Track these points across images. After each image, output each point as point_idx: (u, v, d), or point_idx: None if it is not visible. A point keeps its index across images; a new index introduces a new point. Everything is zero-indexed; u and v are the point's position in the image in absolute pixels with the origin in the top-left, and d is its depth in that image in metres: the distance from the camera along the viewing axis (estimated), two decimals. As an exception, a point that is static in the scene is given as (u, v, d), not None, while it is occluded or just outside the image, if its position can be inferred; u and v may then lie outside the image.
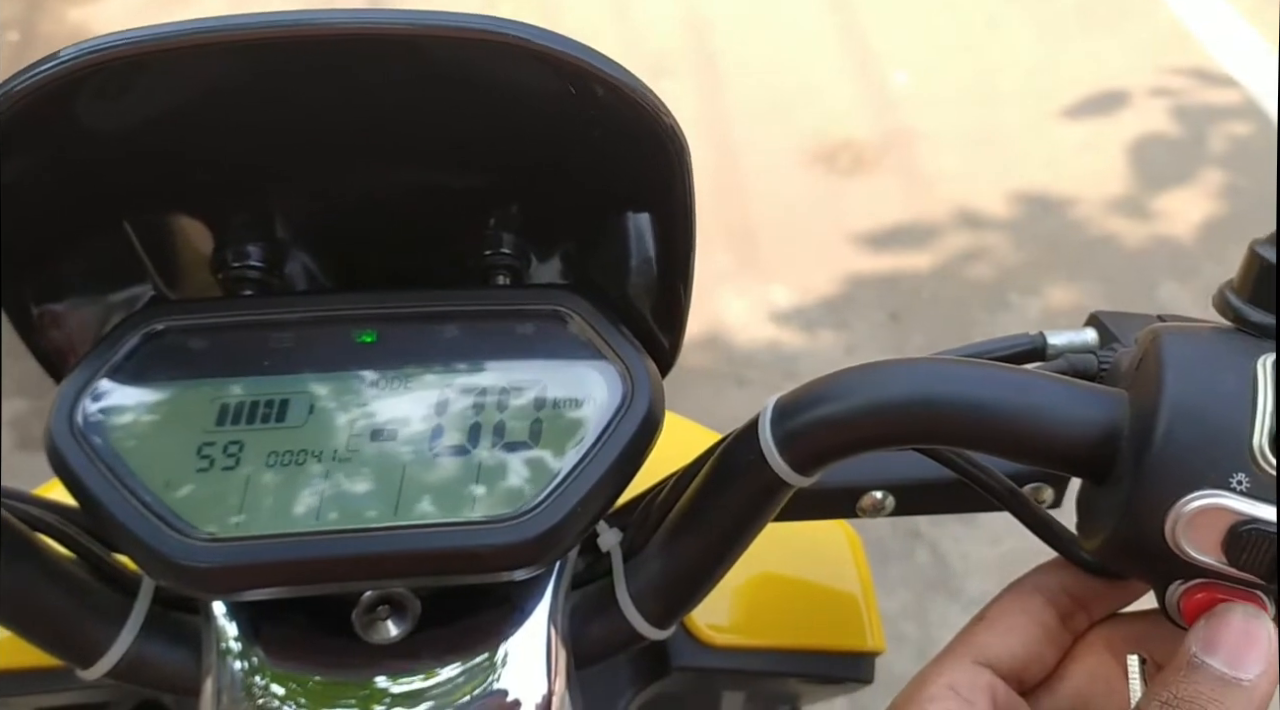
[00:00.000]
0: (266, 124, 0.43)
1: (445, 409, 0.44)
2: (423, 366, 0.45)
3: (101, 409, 0.43)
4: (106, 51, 0.37)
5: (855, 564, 0.60)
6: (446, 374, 0.45)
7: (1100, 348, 0.46)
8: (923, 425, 0.38)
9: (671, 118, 0.40)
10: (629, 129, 0.41)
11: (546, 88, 0.40)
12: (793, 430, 0.40)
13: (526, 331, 0.46)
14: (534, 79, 0.40)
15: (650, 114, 0.39)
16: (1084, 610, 0.41)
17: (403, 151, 0.45)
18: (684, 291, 0.46)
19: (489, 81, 0.41)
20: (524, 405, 0.44)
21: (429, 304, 0.46)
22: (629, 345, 0.45)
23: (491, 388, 0.44)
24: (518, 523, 0.41)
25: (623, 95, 0.39)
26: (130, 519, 0.40)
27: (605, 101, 0.40)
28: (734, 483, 0.42)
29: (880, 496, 0.48)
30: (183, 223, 0.47)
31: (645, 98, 0.39)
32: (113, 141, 0.42)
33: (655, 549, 0.46)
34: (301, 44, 0.37)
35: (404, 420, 0.43)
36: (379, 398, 0.44)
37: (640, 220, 0.46)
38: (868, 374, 0.39)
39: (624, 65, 0.39)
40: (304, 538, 0.40)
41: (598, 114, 0.41)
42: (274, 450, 0.42)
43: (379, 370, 0.45)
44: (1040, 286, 2.22)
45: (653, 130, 0.40)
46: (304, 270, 0.49)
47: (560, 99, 0.40)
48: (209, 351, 0.45)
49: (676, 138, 0.40)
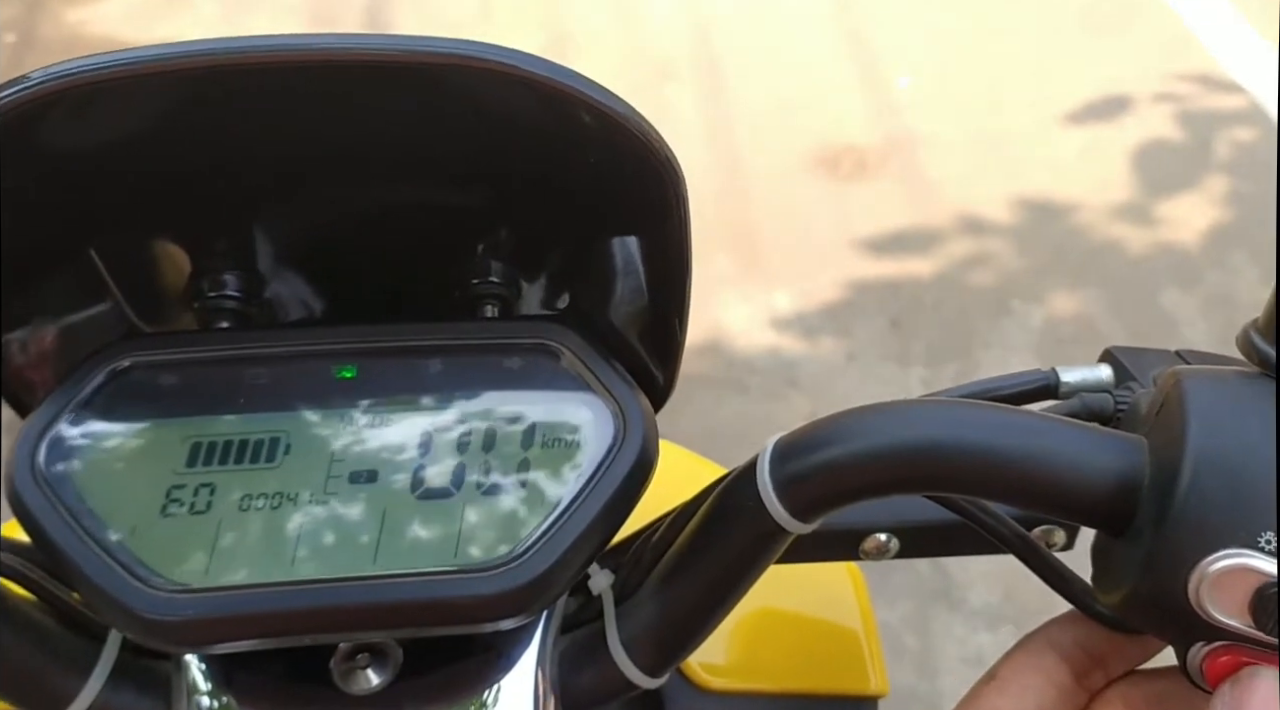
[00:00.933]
0: (242, 149, 0.41)
1: (428, 448, 0.42)
2: (405, 403, 0.43)
3: (65, 450, 0.41)
4: (75, 76, 0.35)
5: (857, 602, 0.58)
6: (430, 411, 0.43)
7: (1116, 386, 0.44)
8: (930, 472, 0.35)
9: (666, 148, 0.38)
10: (622, 157, 0.39)
11: (535, 114, 0.38)
12: (793, 475, 0.37)
13: (514, 366, 0.44)
14: (522, 105, 0.38)
15: (644, 145, 0.37)
16: (1100, 668, 0.39)
17: (386, 176, 0.43)
18: (679, 324, 0.44)
19: (476, 107, 0.39)
20: (510, 443, 0.42)
21: (412, 338, 0.44)
22: (621, 381, 0.43)
23: (476, 425, 0.42)
24: (504, 571, 0.39)
25: (614, 124, 0.37)
26: (93, 568, 0.38)
27: (596, 129, 0.38)
28: (731, 528, 0.40)
29: (884, 539, 0.46)
30: (155, 251, 0.45)
31: (638, 127, 0.37)
32: (82, 166, 0.40)
33: (649, 593, 0.44)
34: (279, 70, 0.35)
35: (385, 460, 0.41)
36: (359, 437, 0.42)
37: (634, 249, 0.44)
38: (872, 416, 0.37)
39: (614, 92, 0.37)
40: (278, 588, 0.38)
41: (589, 142, 0.39)
42: (248, 493, 0.40)
43: (359, 407, 0.42)
44: (1043, 293, 2.20)
45: (647, 160, 0.38)
46: (284, 299, 0.47)
47: (549, 125, 0.38)
48: (180, 388, 0.43)
49: (671, 168, 0.38)
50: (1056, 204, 2.40)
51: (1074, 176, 2.47)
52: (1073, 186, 2.44)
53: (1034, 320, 2.14)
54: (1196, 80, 2.76)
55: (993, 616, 1.69)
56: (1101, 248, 2.30)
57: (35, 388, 0.45)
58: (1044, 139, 2.58)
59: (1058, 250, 2.29)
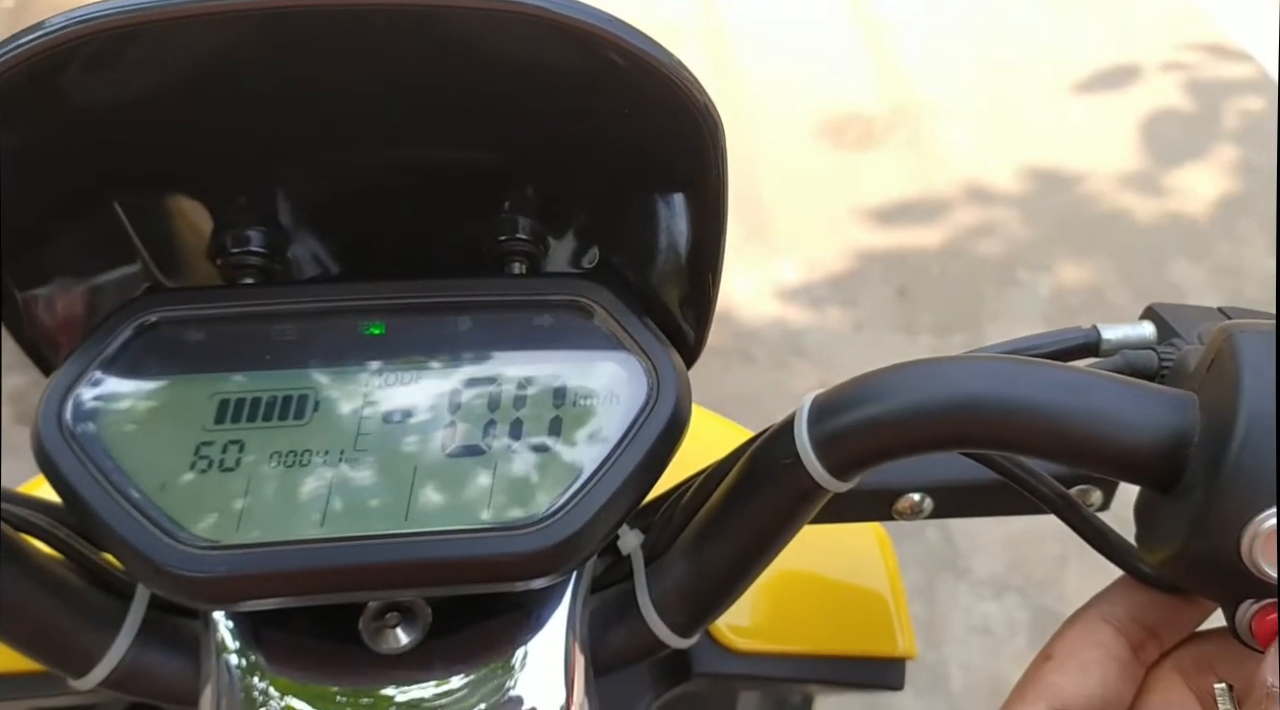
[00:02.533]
0: (267, 99, 0.40)
1: (458, 406, 0.41)
2: (434, 360, 0.42)
3: (92, 406, 0.40)
4: (95, 22, 0.34)
5: (885, 564, 0.57)
6: (459, 368, 0.42)
7: (1159, 343, 0.43)
8: (974, 429, 0.35)
9: (705, 94, 0.37)
10: (658, 105, 0.38)
11: (568, 60, 0.37)
12: (832, 432, 0.37)
13: (545, 323, 0.43)
14: (553, 51, 0.37)
15: (682, 91, 0.37)
16: (1155, 639, 0.38)
17: (412, 127, 0.42)
18: (713, 281, 0.43)
19: (505, 54, 0.38)
20: (542, 401, 0.41)
21: (440, 294, 0.43)
22: (654, 339, 0.42)
23: (507, 383, 0.42)
24: (536, 530, 0.38)
25: (651, 70, 0.36)
26: (123, 524, 0.37)
27: (631, 76, 0.37)
28: (766, 486, 0.39)
29: (918, 498, 0.45)
30: (179, 205, 0.44)
31: (675, 73, 0.36)
32: (103, 117, 0.39)
33: (680, 554, 0.43)
34: (305, 15, 0.34)
35: (414, 418, 0.41)
36: (388, 393, 0.41)
37: (669, 203, 0.43)
38: (914, 372, 0.36)
39: (651, 36, 0.36)
40: (308, 545, 0.38)
41: (624, 89, 0.38)
42: (276, 450, 0.40)
43: (387, 364, 0.42)
44: (1050, 263, 2.19)
45: (685, 107, 0.37)
46: (308, 257, 0.47)
47: (583, 72, 0.37)
48: (207, 344, 0.42)
49: (710, 116, 0.38)
50: (1064, 173, 2.38)
51: (1082, 145, 2.45)
52: (1081, 155, 2.42)
53: (1042, 290, 2.13)
54: (1206, 49, 2.74)
55: (998, 586, 1.69)
56: (1110, 217, 2.29)
57: (60, 347, 0.44)
58: (1052, 107, 2.56)
59: (1065, 219, 2.28)
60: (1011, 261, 2.19)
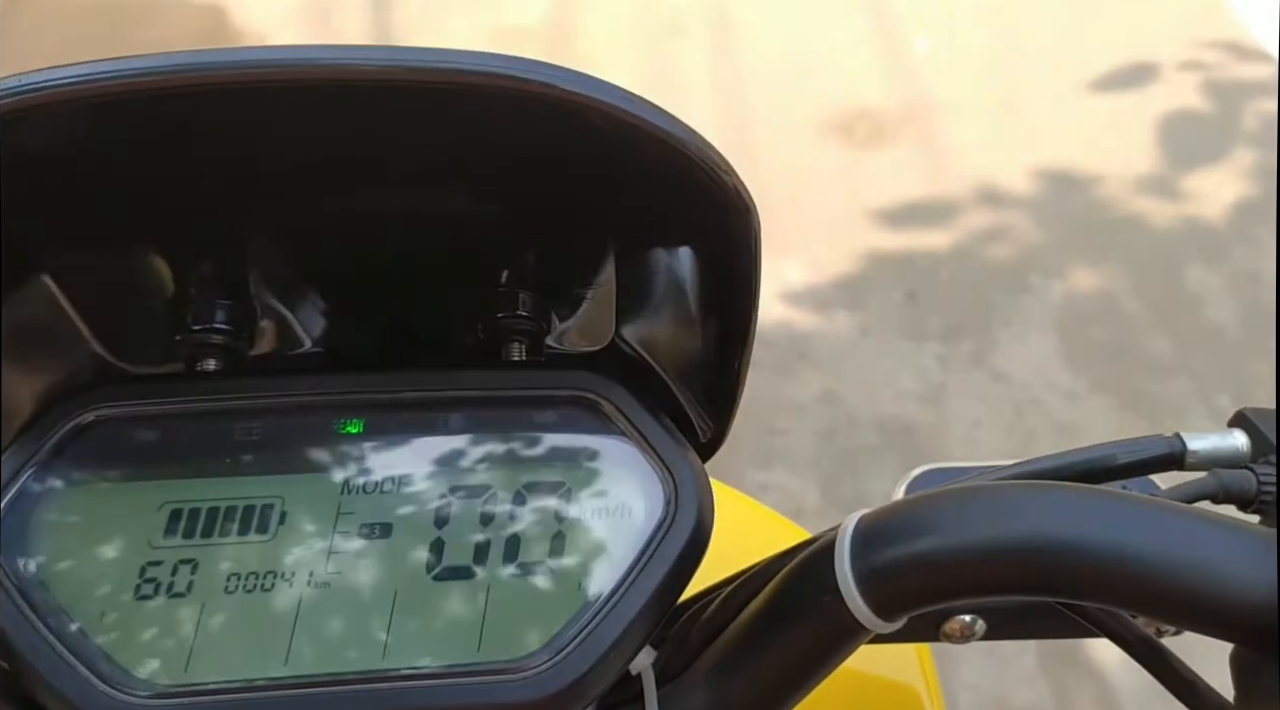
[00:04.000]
0: (230, 161, 0.34)
1: (445, 520, 0.36)
2: (419, 465, 0.37)
3: (19, 518, 0.35)
4: (27, 96, 0.28)
5: (925, 684, 0.52)
6: (448, 475, 0.37)
7: (1253, 459, 0.38)
8: (1052, 576, 0.29)
9: (734, 175, 0.32)
10: (681, 184, 0.32)
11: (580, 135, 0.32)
12: (880, 566, 0.32)
13: (547, 421, 0.38)
14: (562, 128, 0.32)
15: (708, 174, 0.31)
16: None
17: (398, 193, 0.37)
18: (740, 370, 0.38)
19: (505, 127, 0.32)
20: (542, 515, 0.36)
21: (427, 387, 0.38)
22: (671, 441, 0.37)
23: (503, 493, 0.36)
24: (535, 674, 0.33)
25: (673, 151, 0.30)
26: (47, 665, 0.32)
27: (649, 154, 0.31)
28: (801, 620, 0.34)
29: (969, 621, 0.40)
30: (127, 276, 0.39)
31: (701, 154, 0.31)
32: (29, 175, 0.33)
33: (698, 679, 0.38)
34: (277, 88, 0.29)
35: (395, 534, 0.35)
36: (365, 505, 0.36)
37: (693, 283, 0.38)
38: (980, 501, 0.31)
39: (676, 116, 0.30)
40: (269, 692, 0.32)
41: (642, 167, 0.32)
42: (235, 571, 0.35)
43: (366, 470, 0.36)
44: (1063, 268, 2.13)
45: (711, 189, 0.32)
46: (278, 333, 0.41)
47: (597, 148, 0.32)
48: (158, 445, 0.36)
49: (740, 200, 0.32)
50: (1079, 175, 2.32)
51: (1097, 146, 2.39)
52: (1096, 157, 2.36)
53: (1054, 296, 2.08)
54: (1225, 48, 2.67)
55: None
56: (1125, 221, 2.23)
57: None
58: (1067, 107, 2.50)
59: (1079, 223, 2.22)
60: (1023, 266, 2.14)
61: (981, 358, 1.98)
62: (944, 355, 1.98)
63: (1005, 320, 2.04)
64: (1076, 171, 2.33)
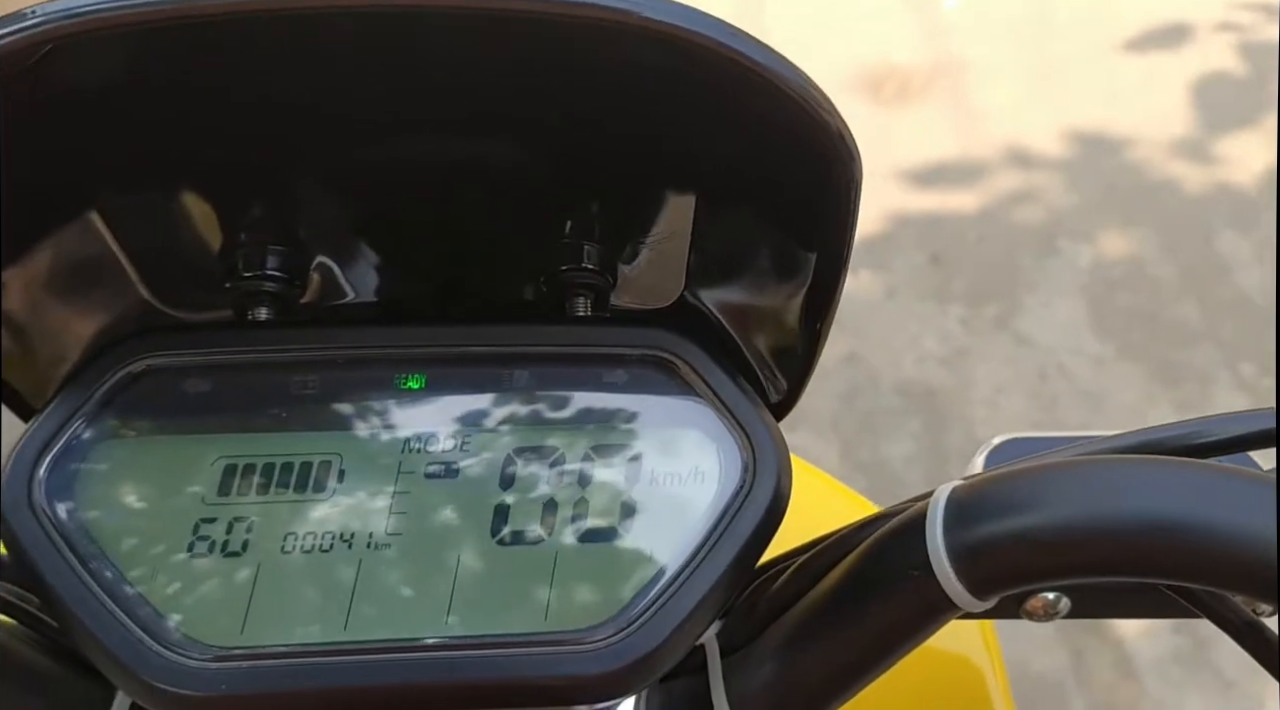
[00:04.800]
0: (286, 98, 0.32)
1: (510, 481, 0.34)
2: (483, 424, 0.35)
3: (68, 472, 0.33)
4: (87, 18, 0.26)
5: (990, 660, 0.50)
6: (513, 434, 0.35)
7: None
8: (1170, 559, 0.28)
9: (838, 118, 0.30)
10: (776, 125, 0.30)
11: (668, 70, 0.30)
12: (977, 543, 0.30)
13: (618, 380, 0.36)
14: (645, 61, 0.30)
15: (810, 115, 0.29)
16: None
17: (462, 131, 0.35)
18: (822, 334, 0.36)
19: (585, 60, 0.30)
20: (613, 480, 0.34)
21: (492, 342, 0.36)
22: (749, 404, 0.35)
23: (571, 455, 0.34)
24: (607, 646, 0.31)
25: (771, 89, 0.28)
26: (101, 625, 0.31)
27: (743, 93, 0.29)
28: (886, 596, 0.32)
29: (1053, 598, 0.38)
30: (177, 217, 0.37)
31: (803, 92, 0.29)
32: (82, 108, 0.31)
33: (768, 652, 0.36)
34: (343, 18, 0.27)
35: (459, 496, 0.34)
36: (427, 464, 0.34)
37: (781, 238, 0.35)
38: (1088, 476, 0.29)
39: (782, 54, 0.28)
40: (329, 657, 0.31)
41: (733, 107, 0.30)
42: (292, 531, 0.33)
43: (427, 427, 0.35)
44: (1092, 232, 2.10)
45: (811, 132, 0.30)
46: (332, 282, 0.39)
47: (684, 82, 0.30)
48: (211, 397, 0.35)
49: (844, 147, 0.30)
50: (1110, 137, 2.28)
51: (1130, 108, 2.34)
52: (1128, 119, 2.32)
53: (1082, 261, 2.05)
54: (1259, 8, 2.61)
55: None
56: (1155, 185, 2.19)
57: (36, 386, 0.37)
58: (1099, 67, 2.45)
59: (1109, 187, 2.19)
60: (1052, 230, 2.10)
61: (1006, 322, 1.95)
62: (968, 318, 1.96)
63: (1031, 284, 2.01)
64: (1108, 133, 2.29)
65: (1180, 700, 1.47)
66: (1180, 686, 1.48)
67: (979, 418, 1.83)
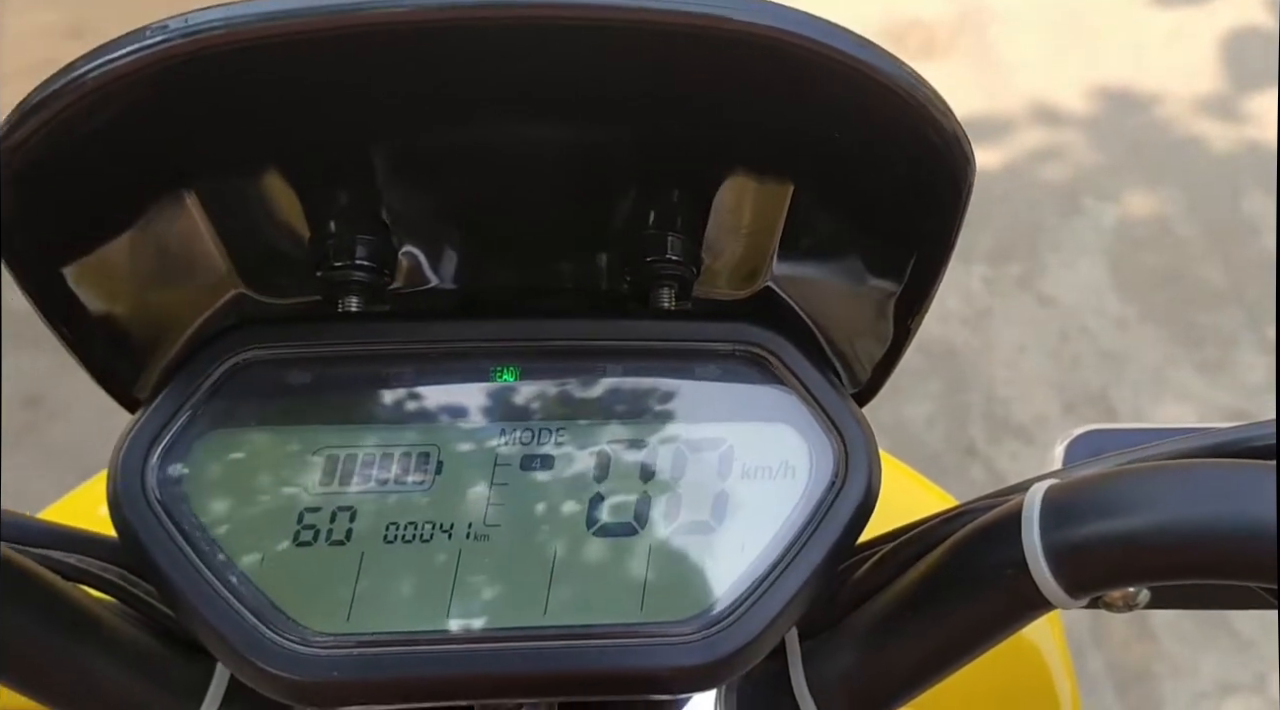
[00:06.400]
0: (392, 89, 0.32)
1: (605, 473, 0.35)
2: (577, 416, 0.35)
3: (179, 462, 0.34)
4: (227, 32, 0.26)
5: (1059, 649, 0.51)
6: (606, 427, 0.35)
7: None
8: (1275, 562, 0.28)
9: (953, 120, 0.30)
10: (885, 125, 0.30)
11: (767, 71, 0.30)
12: (1076, 544, 0.30)
13: (710, 375, 0.36)
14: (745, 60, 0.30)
15: (923, 116, 0.29)
16: None
17: (553, 120, 0.34)
18: (912, 331, 0.36)
19: (684, 59, 0.30)
20: (705, 473, 0.35)
21: (584, 335, 0.36)
22: (839, 400, 0.36)
23: (664, 448, 0.35)
24: (703, 638, 0.32)
25: (897, 98, 0.28)
26: (215, 611, 0.32)
27: (852, 93, 0.29)
28: (976, 590, 0.33)
29: (1133, 591, 0.39)
30: (271, 201, 0.37)
31: (914, 93, 0.29)
32: (194, 97, 0.31)
33: (850, 640, 0.37)
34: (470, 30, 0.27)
35: (554, 487, 0.34)
36: (523, 455, 0.35)
37: (880, 232, 0.36)
38: (1193, 477, 0.30)
39: (891, 53, 0.28)
40: (433, 646, 0.32)
41: (841, 108, 0.30)
42: (393, 521, 0.34)
43: (522, 420, 0.35)
44: (1118, 191, 2.09)
45: (922, 132, 0.30)
46: (418, 272, 0.39)
47: (799, 84, 0.30)
48: (311, 389, 0.35)
49: (960, 151, 0.30)
50: (1137, 94, 2.26)
51: (1157, 64, 2.32)
52: (1155, 75, 2.29)
53: (1107, 220, 2.04)
54: (1293, -39, 2.57)
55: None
56: (1183, 144, 2.17)
57: (131, 369, 0.37)
58: (1127, 21, 2.42)
59: (1136, 144, 2.17)
60: (1076, 188, 2.09)
61: (1029, 281, 1.95)
62: (991, 278, 1.96)
63: (1055, 243, 2.00)
64: (1135, 90, 2.27)
65: (1196, 659, 1.49)
66: (1197, 646, 1.50)
67: (1001, 378, 1.83)
